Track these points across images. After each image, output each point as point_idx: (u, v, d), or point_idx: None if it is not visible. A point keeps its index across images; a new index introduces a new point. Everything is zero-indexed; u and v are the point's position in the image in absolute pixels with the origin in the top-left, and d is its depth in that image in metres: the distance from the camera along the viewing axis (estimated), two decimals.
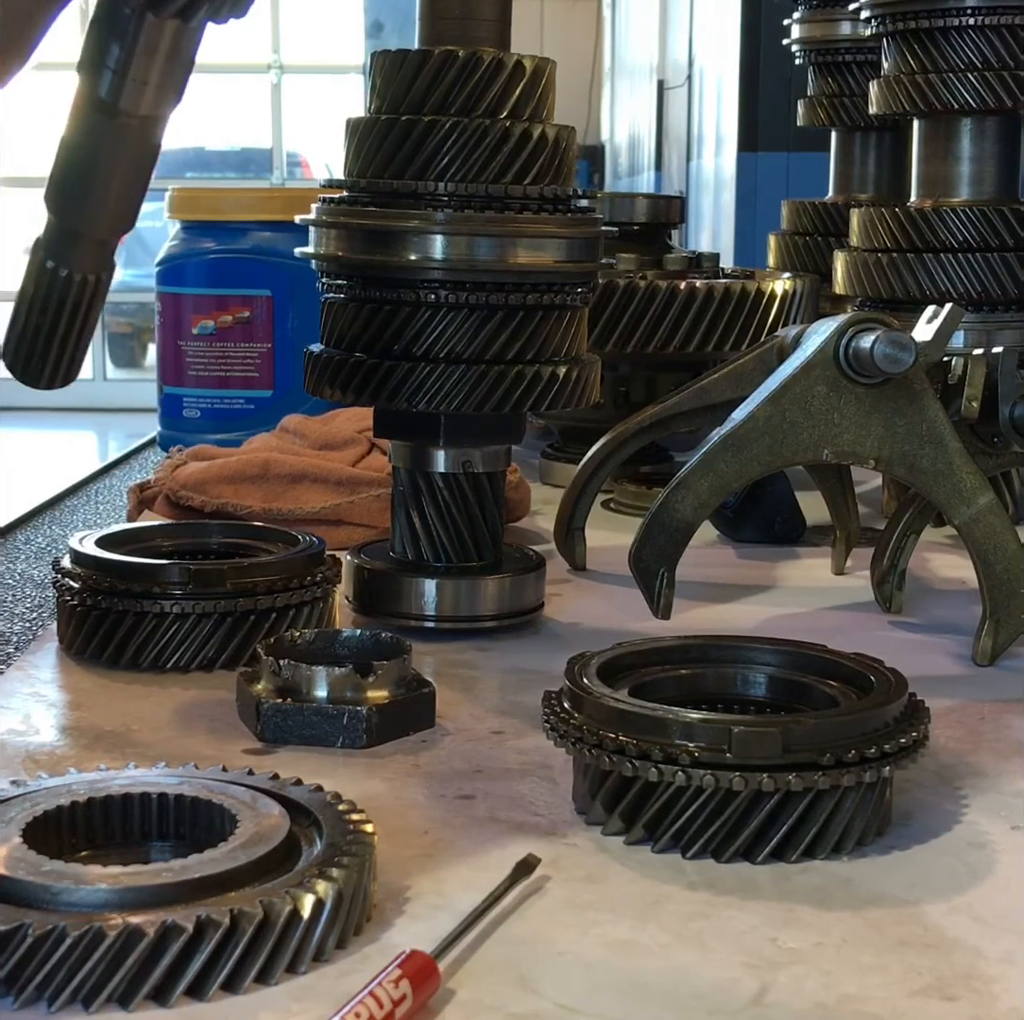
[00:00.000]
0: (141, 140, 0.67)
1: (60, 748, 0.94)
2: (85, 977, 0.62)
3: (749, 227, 4.85)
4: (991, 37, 1.49)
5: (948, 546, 1.46)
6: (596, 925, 0.71)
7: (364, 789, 0.86)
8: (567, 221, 1.13)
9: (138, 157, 0.68)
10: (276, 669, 0.95)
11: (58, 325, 0.67)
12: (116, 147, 0.67)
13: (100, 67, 0.66)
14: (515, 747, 0.94)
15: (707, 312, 1.60)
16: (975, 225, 1.51)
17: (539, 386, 1.13)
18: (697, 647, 0.91)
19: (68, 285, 0.68)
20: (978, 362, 1.16)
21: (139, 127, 0.67)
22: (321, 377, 1.16)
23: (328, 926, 0.66)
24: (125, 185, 0.68)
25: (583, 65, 9.11)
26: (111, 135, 0.67)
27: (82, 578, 1.09)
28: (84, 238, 0.68)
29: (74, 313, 0.68)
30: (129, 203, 0.69)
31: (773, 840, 0.78)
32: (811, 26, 2.00)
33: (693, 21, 6.45)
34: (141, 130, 0.67)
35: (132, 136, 0.67)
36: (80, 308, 0.68)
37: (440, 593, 1.16)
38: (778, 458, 1.12)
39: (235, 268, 2.00)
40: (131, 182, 0.68)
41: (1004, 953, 0.69)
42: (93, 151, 0.67)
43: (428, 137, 1.09)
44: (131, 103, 0.66)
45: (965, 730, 0.98)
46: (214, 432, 1.95)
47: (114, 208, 0.68)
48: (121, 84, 0.66)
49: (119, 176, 0.68)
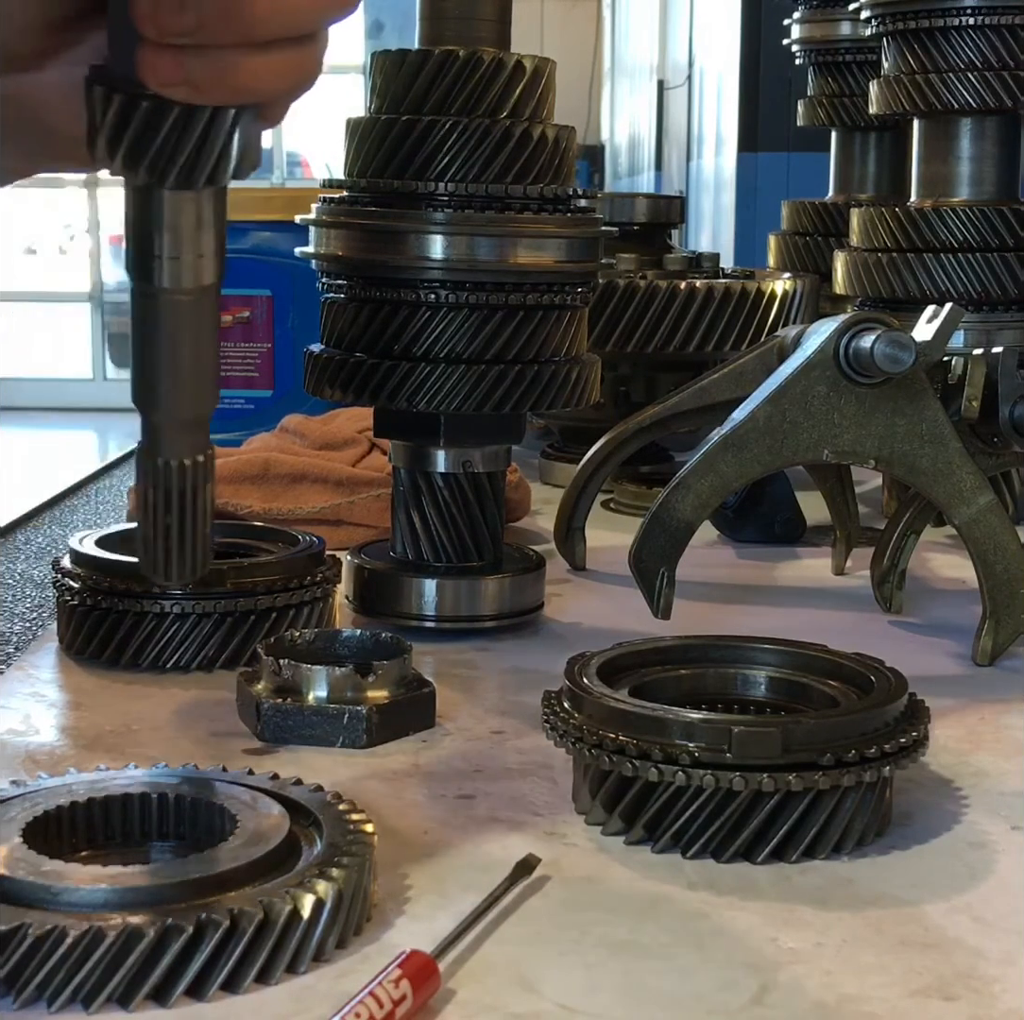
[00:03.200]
0: (196, 314, 0.67)
1: (60, 748, 0.94)
2: (85, 977, 0.62)
3: (749, 227, 4.86)
4: (991, 37, 1.49)
5: (948, 546, 1.46)
6: (596, 925, 0.71)
7: (364, 789, 0.86)
8: (567, 221, 1.13)
9: (198, 332, 0.68)
10: (276, 669, 0.95)
11: (170, 517, 0.68)
12: (173, 327, 0.67)
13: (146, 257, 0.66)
14: (515, 747, 0.94)
15: (707, 312, 1.60)
16: (975, 225, 1.51)
17: (539, 386, 1.13)
18: (697, 647, 0.91)
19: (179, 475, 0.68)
20: (978, 362, 1.16)
21: (191, 302, 0.67)
22: (321, 377, 1.16)
23: (328, 926, 0.66)
24: (193, 362, 0.68)
25: (583, 65, 9.11)
26: (164, 317, 0.66)
27: (82, 578, 1.09)
28: (171, 425, 0.68)
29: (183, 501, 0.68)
30: (204, 378, 0.69)
31: (773, 840, 0.78)
32: (811, 26, 2.00)
33: (693, 21, 6.46)
34: (194, 304, 0.67)
35: (186, 312, 0.67)
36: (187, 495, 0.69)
37: (440, 593, 1.16)
38: (778, 458, 1.12)
39: (235, 268, 1.98)
40: (199, 358, 0.68)
41: (1004, 953, 0.69)
42: (153, 338, 0.67)
43: (428, 137, 1.09)
44: (174, 280, 0.66)
45: (965, 730, 0.98)
46: (214, 432, 1.94)
47: (190, 388, 0.68)
48: (162, 266, 0.65)
49: (184, 355, 0.67)
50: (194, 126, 0.63)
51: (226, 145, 0.64)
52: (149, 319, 0.67)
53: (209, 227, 0.67)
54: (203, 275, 0.67)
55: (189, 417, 0.69)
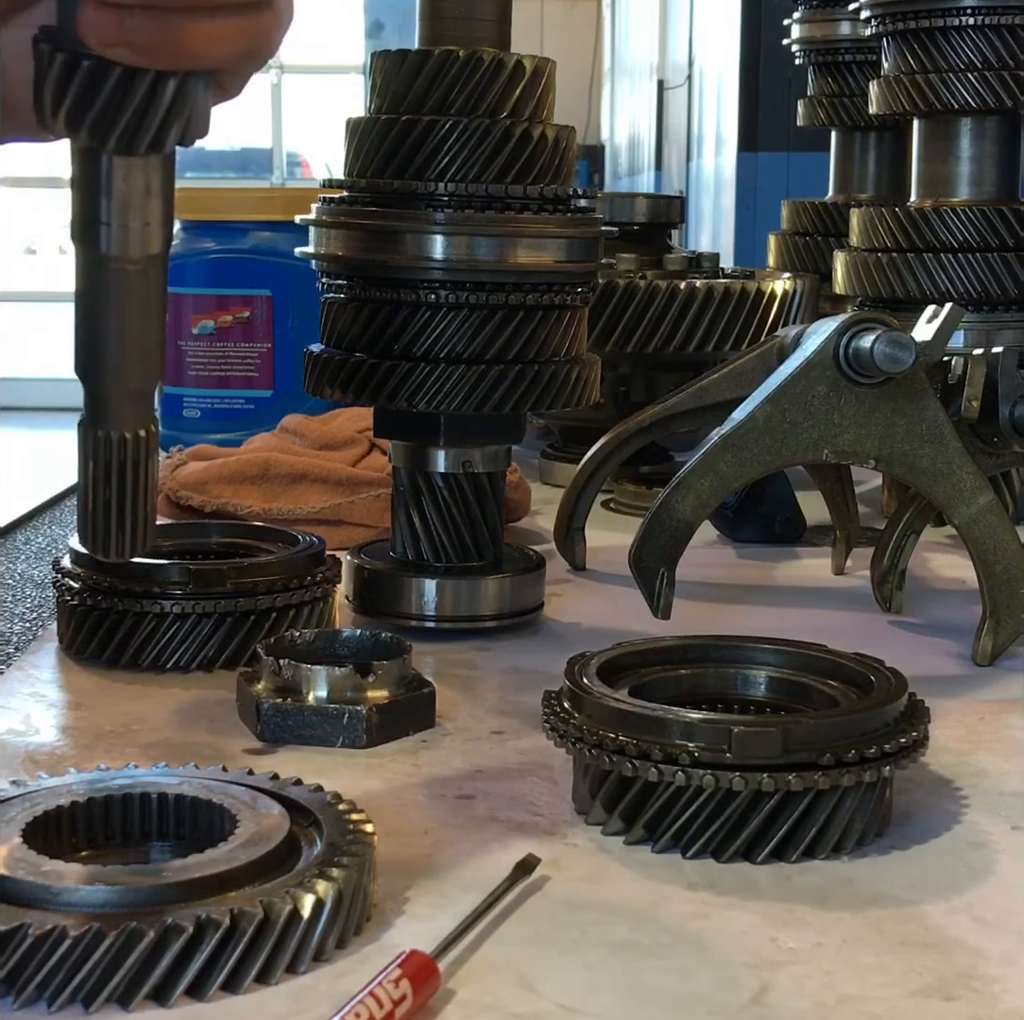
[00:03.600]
0: (143, 283, 0.66)
1: (60, 748, 0.94)
2: (85, 977, 0.62)
3: (749, 227, 4.86)
4: (991, 37, 1.49)
5: (948, 546, 1.46)
6: (596, 925, 0.71)
7: (364, 789, 0.86)
8: (567, 221, 1.13)
9: (145, 301, 0.67)
10: (276, 669, 0.95)
11: (110, 491, 0.66)
12: (120, 296, 0.66)
13: (92, 223, 0.65)
14: (515, 747, 0.94)
15: (707, 312, 1.60)
16: (975, 225, 1.51)
17: (539, 386, 1.13)
18: (697, 647, 0.91)
19: (120, 448, 0.67)
20: (978, 362, 1.16)
21: (138, 271, 0.66)
22: (321, 377, 1.16)
23: (328, 926, 0.66)
24: (140, 332, 0.67)
25: (583, 65, 9.11)
26: (111, 286, 0.66)
27: (82, 578, 1.09)
28: (116, 396, 0.67)
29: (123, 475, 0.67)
30: (150, 350, 0.68)
31: (773, 840, 0.78)
32: (811, 26, 2.00)
33: (693, 21, 6.45)
34: (141, 273, 0.66)
35: (133, 281, 0.66)
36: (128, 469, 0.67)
37: (440, 593, 1.16)
38: (778, 458, 1.12)
39: (235, 268, 2.00)
40: (145, 328, 0.67)
41: (1004, 953, 0.69)
42: (98, 307, 0.66)
43: (428, 137, 1.09)
44: (121, 248, 0.65)
45: (965, 730, 0.98)
46: (214, 432, 1.95)
47: (136, 359, 0.67)
48: (109, 233, 0.64)
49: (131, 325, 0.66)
50: (136, 89, 0.61)
51: (171, 111, 0.62)
52: (95, 288, 0.65)
53: (157, 195, 0.65)
54: (150, 244, 0.66)
55: (134, 389, 0.68)
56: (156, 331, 0.68)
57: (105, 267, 0.65)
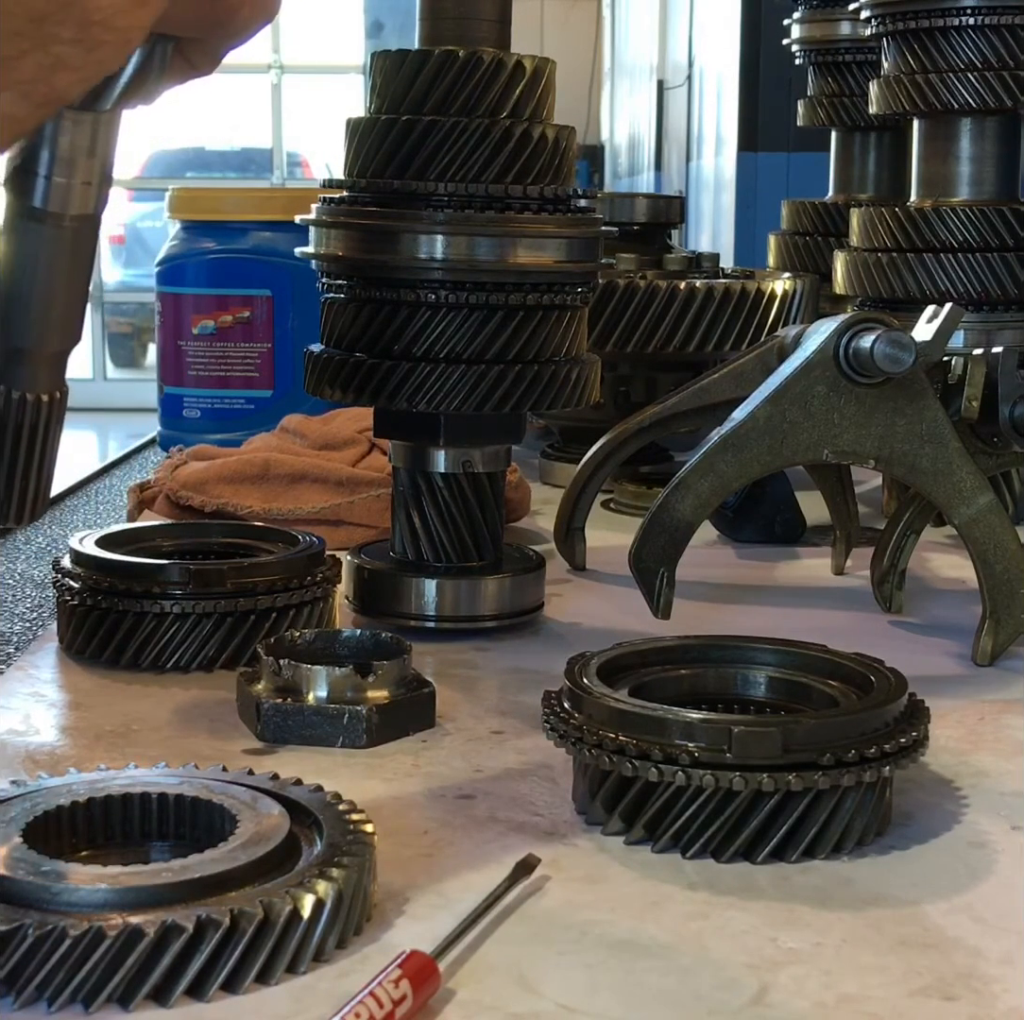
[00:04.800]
0: (76, 243, 0.65)
1: (60, 748, 0.94)
2: (85, 977, 0.62)
3: (749, 227, 4.86)
4: (991, 37, 1.49)
5: (948, 546, 1.46)
6: (596, 925, 0.71)
7: (364, 789, 0.86)
8: (567, 221, 1.13)
9: (76, 262, 0.65)
10: (276, 669, 0.95)
11: (18, 453, 0.64)
12: (53, 254, 0.65)
13: (28, 174, 0.63)
14: (515, 747, 0.94)
15: (707, 312, 1.60)
16: (975, 225, 1.51)
17: (539, 386, 1.13)
18: (697, 647, 0.91)
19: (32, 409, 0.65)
20: (978, 362, 1.16)
21: (73, 230, 0.65)
22: (321, 377, 1.16)
23: (328, 926, 0.66)
24: (67, 293, 0.65)
25: (583, 65, 9.11)
26: (46, 242, 0.64)
27: (82, 578, 1.09)
28: (34, 356, 0.65)
29: (32, 438, 0.65)
30: (74, 312, 0.66)
31: (773, 840, 0.78)
32: (811, 26, 2.00)
33: (693, 21, 6.46)
34: (75, 232, 0.65)
35: (67, 240, 0.65)
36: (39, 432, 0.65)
37: (440, 593, 1.16)
38: (778, 458, 1.12)
39: (235, 268, 2.00)
40: (73, 289, 0.66)
41: (1004, 953, 0.69)
42: (30, 261, 0.65)
43: (428, 137, 1.09)
44: (60, 205, 0.64)
45: (965, 730, 0.98)
46: (214, 432, 1.95)
47: (60, 319, 0.65)
48: (48, 187, 0.64)
49: (60, 284, 0.65)
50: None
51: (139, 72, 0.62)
52: (23, 241, 0.64)
53: (101, 155, 0.64)
54: (88, 203, 0.65)
55: (53, 351, 0.66)
56: (82, 294, 0.66)
57: (39, 221, 0.64)
